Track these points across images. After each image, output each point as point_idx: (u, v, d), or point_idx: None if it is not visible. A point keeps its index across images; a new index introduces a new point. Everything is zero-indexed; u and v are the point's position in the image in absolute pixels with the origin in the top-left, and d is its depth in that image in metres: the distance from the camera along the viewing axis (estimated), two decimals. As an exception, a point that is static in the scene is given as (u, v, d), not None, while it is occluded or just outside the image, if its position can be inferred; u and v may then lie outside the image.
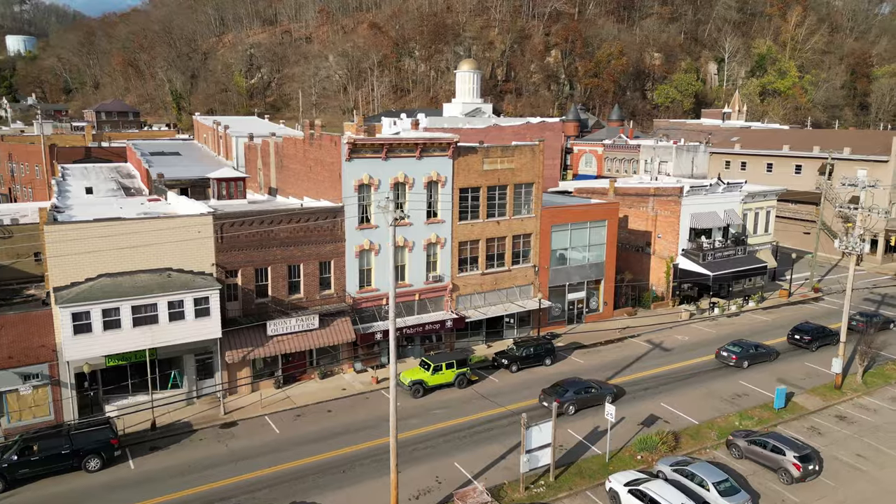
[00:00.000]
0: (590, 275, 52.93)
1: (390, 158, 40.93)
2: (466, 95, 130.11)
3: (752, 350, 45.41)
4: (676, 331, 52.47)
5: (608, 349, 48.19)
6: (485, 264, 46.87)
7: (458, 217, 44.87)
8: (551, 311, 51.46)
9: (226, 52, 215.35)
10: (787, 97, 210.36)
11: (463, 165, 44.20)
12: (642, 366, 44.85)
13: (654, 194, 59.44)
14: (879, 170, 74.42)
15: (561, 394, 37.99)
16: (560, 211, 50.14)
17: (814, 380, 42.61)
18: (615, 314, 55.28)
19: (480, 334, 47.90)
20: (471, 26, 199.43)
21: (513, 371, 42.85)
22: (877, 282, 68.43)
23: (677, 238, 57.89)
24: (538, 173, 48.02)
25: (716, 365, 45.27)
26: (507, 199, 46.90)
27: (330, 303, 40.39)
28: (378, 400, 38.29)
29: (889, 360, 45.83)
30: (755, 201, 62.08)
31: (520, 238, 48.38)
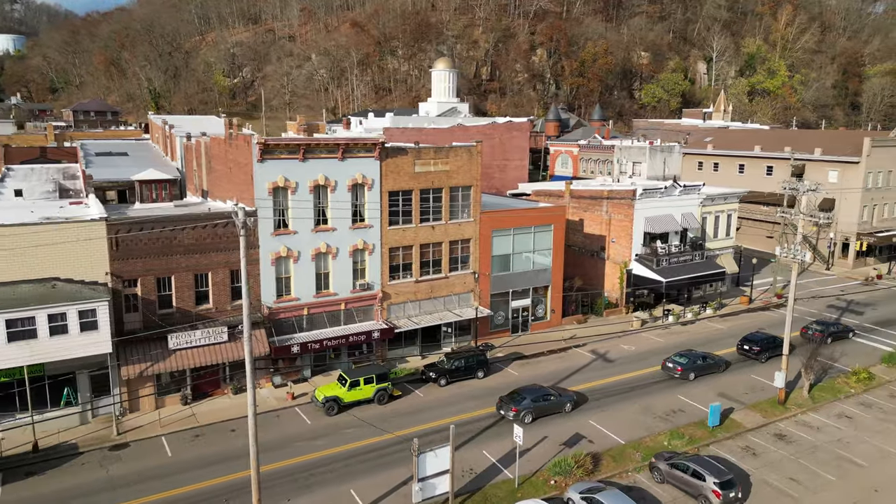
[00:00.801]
0: (536, 281, 50.71)
1: (309, 160, 38.68)
2: (442, 95, 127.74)
3: (698, 361, 43.21)
4: (625, 340, 50.28)
5: (549, 360, 45.97)
6: (419, 271, 44.63)
7: (388, 222, 42.65)
8: (494, 320, 49.24)
9: (208, 50, 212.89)
10: (776, 97, 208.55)
11: (392, 167, 41.95)
12: (580, 378, 42.63)
13: (607, 197, 57.24)
14: (850, 171, 72.31)
15: (518, 402, 36.58)
16: (501, 215, 47.92)
17: (758, 394, 40.42)
18: (564, 322, 53.08)
19: (416, 345, 45.68)
20: (455, 25, 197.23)
21: (441, 385, 40.59)
22: (845, 287, 66.29)
23: (631, 242, 55.73)
24: (476, 176, 45.79)
25: (660, 377, 43.09)
26: (442, 203, 44.68)
27: (244, 313, 38.10)
28: (291, 418, 36.04)
29: (842, 373, 43.70)
30: (715, 204, 59.91)
31: (458, 244, 46.15)
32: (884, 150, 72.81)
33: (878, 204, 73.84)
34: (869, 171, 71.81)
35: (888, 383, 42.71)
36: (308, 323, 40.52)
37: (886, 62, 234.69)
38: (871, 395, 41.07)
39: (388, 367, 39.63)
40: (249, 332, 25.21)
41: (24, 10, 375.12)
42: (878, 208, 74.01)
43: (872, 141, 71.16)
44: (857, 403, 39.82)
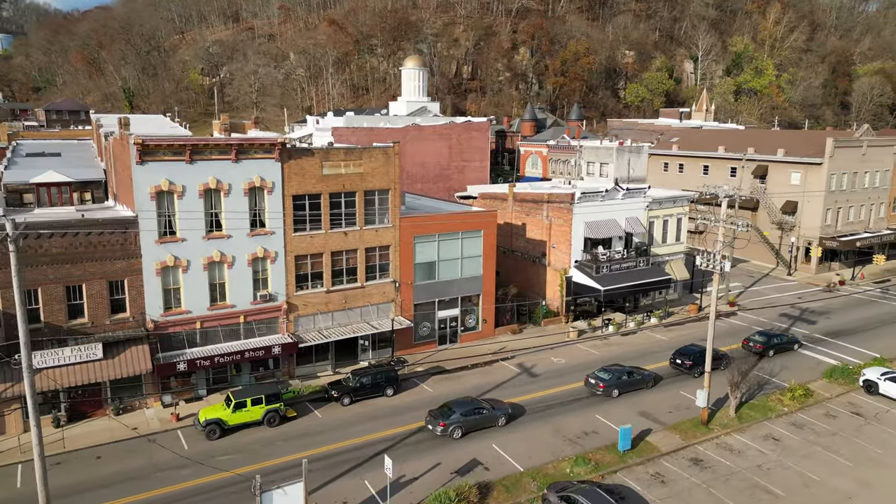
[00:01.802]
0: (465, 290, 48.05)
1: (197, 162, 35.98)
2: (412, 94, 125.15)
3: (624, 377, 40.58)
4: (557, 352, 47.66)
5: (471, 374, 43.32)
6: (331, 281, 41.97)
7: (294, 228, 39.98)
8: (419, 331, 46.60)
9: (186, 49, 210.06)
10: (762, 96, 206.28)
11: (296, 170, 39.28)
12: (499, 395, 39.98)
13: (547, 201, 54.63)
14: (813, 173, 69.72)
15: (447, 416, 34.65)
16: (424, 220, 45.26)
17: (683, 413, 37.80)
18: (497, 332, 50.44)
19: (328, 359, 43.02)
20: (435, 23, 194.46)
21: (344, 404, 37.90)
22: (805, 294, 63.70)
23: (570, 248, 53.12)
24: (394, 178, 43.15)
25: (583, 394, 40.47)
26: (356, 208, 42.04)
27: (126, 327, 35.45)
28: (168, 442, 33.33)
29: (778, 389, 41.09)
30: (663, 207, 57.28)
31: (375, 251, 43.50)
32: (848, 151, 70.29)
33: (842, 207, 71.28)
34: (832, 172, 69.25)
35: (826, 401, 40.11)
36: (202, 337, 37.83)
37: (877, 61, 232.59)
38: (805, 413, 38.46)
39: (283, 387, 36.89)
40: (29, 361, 22.35)
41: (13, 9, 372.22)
42: (842, 211, 71.45)
43: (836, 141, 68.61)
44: (788, 424, 37.20)
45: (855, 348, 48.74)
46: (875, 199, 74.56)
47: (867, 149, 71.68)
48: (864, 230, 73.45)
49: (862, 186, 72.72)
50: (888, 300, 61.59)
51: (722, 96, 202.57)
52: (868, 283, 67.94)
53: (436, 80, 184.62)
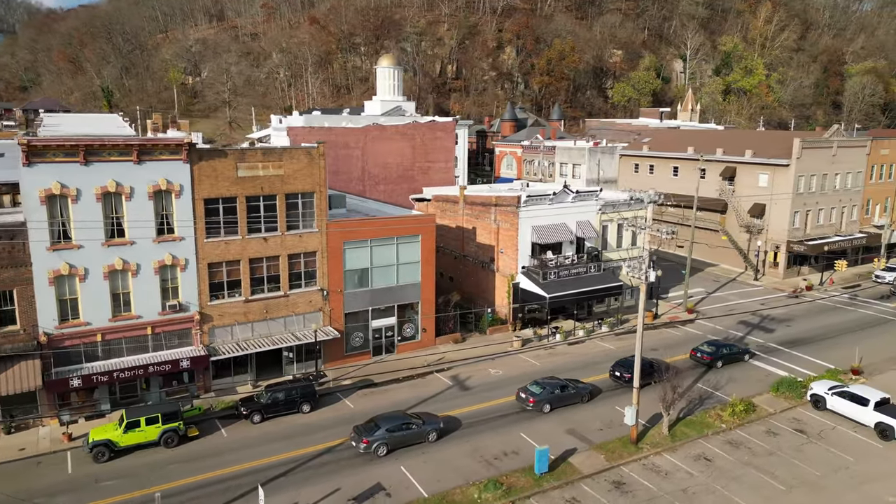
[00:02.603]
0: (402, 298, 45.87)
1: (94, 163, 33.78)
2: (387, 93, 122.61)
3: (556, 391, 38.43)
4: (498, 363, 45.50)
5: (401, 388, 41.16)
6: (249, 289, 39.80)
7: (207, 233, 37.81)
8: (350, 342, 44.43)
9: (169, 48, 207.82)
10: (752, 96, 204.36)
11: (208, 172, 37.09)
12: (427, 410, 37.81)
13: (495, 204, 52.48)
14: (781, 174, 67.57)
15: (371, 432, 32.83)
16: (354, 225, 43.06)
17: (614, 430, 35.64)
18: (438, 342, 48.26)
19: (248, 372, 40.86)
20: (419, 21, 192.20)
21: (255, 422, 35.74)
22: (768, 300, 61.52)
23: (517, 253, 50.98)
24: (319, 181, 40.94)
25: (513, 408, 38.35)
26: (277, 212, 39.85)
27: (16, 341, 33.27)
28: (53, 465, 31.16)
29: (720, 403, 38.94)
30: (618, 211, 55.11)
31: (300, 257, 41.31)
32: (817, 152, 68.15)
33: (811, 210, 69.13)
34: (800, 174, 67.09)
35: (769, 417, 37.96)
36: (105, 351, 35.66)
37: (869, 61, 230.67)
38: (744, 430, 36.31)
39: (179, 405, 34.45)
40: None
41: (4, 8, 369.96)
42: (811, 214, 69.30)
43: (803, 142, 66.44)
44: (725, 442, 35.06)
45: (810, 359, 46.61)
46: (847, 201, 72.42)
47: (838, 149, 69.55)
48: (834, 234, 71.32)
49: (833, 188, 70.58)
50: (854, 307, 59.48)
51: (710, 96, 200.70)
52: (837, 288, 65.85)
53: (419, 80, 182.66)
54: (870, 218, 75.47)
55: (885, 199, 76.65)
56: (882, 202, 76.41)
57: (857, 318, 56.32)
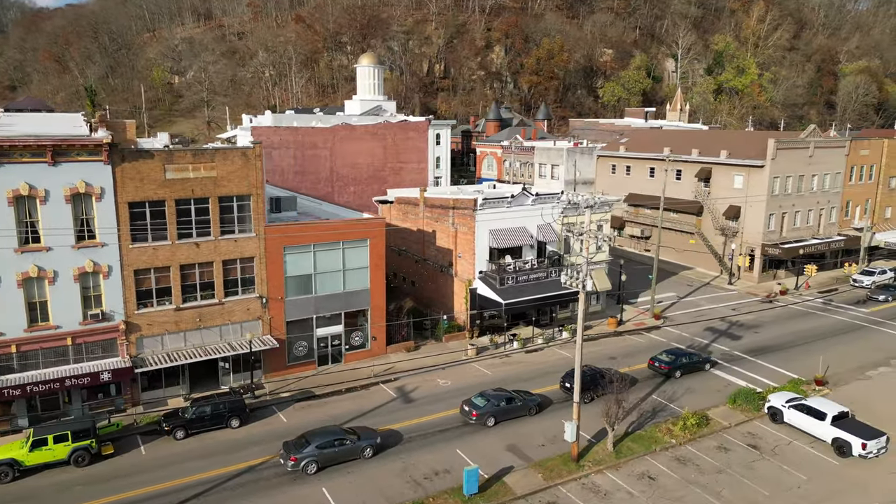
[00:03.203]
0: (350, 305, 44.06)
1: (3, 164, 31.96)
2: (367, 92, 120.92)
3: (502, 403, 36.65)
4: (449, 372, 43.70)
5: (342, 400, 39.34)
6: (181, 297, 37.98)
7: (132, 238, 35.99)
8: (293, 351, 42.63)
9: (155, 47, 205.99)
10: (744, 95, 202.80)
11: (132, 174, 35.28)
12: (368, 423, 35.94)
13: (452, 207, 50.69)
14: (756, 175, 65.81)
15: (300, 448, 31.05)
16: (295, 229, 41.21)
17: (557, 446, 33.81)
18: (390, 350, 46.46)
19: (182, 384, 39.03)
20: (406, 20, 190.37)
21: (178, 438, 33.92)
22: (740, 305, 59.73)
23: (474, 258, 49.20)
24: (256, 183, 39.14)
25: (456, 421, 36.57)
26: (210, 216, 38.05)
27: (-80, 353, 31.51)
28: (-47, 483, 29.43)
29: (673, 416, 37.15)
30: (581, 214, 53.37)
31: (236, 263, 39.48)
32: (793, 153, 66.37)
33: (787, 212, 67.35)
34: (775, 175, 65.30)
35: (723, 431, 36.18)
36: (20, 363, 33.83)
37: (863, 60, 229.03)
38: (695, 445, 34.53)
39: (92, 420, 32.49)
40: None
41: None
42: (788, 217, 67.51)
43: (778, 142, 64.67)
44: (672, 458, 33.28)
45: (774, 368, 44.84)
46: (825, 203, 70.65)
47: (815, 150, 67.77)
48: (812, 237, 69.59)
49: (810, 190, 68.80)
50: (828, 312, 57.70)
51: (702, 95, 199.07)
52: (813, 293, 64.10)
53: (406, 79, 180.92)
54: (849, 220, 73.70)
55: (865, 200, 74.90)
56: (862, 204, 74.65)
57: (830, 324, 54.54)
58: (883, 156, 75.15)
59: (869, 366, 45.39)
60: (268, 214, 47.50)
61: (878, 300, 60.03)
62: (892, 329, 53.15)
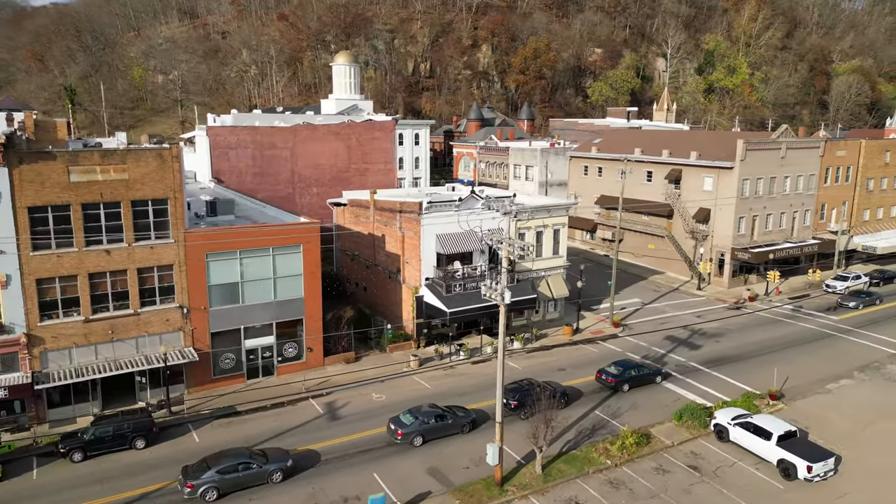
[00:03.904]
0: (283, 314, 41.73)
1: None
2: (343, 91, 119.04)
3: (432, 421, 34.39)
4: (387, 386, 41.43)
5: (265, 417, 37.09)
6: (90, 308, 35.71)
7: (33, 245, 33.71)
8: (219, 364, 40.35)
9: (138, 46, 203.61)
10: (734, 95, 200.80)
11: (31, 176, 33.00)
12: (291, 441, 33.82)
13: (399, 210, 48.45)
14: (725, 177, 63.62)
15: (198, 473, 28.93)
16: (218, 235, 38.94)
17: (483, 468, 31.34)
18: (328, 362, 44.16)
19: (93, 400, 36.75)
20: (391, 18, 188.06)
21: (75, 461, 31.61)
22: (706, 312, 57.44)
23: (421, 264, 46.97)
24: (174, 186, 36.85)
25: (383, 441, 34.32)
26: (122, 221, 35.78)
27: None
28: None
29: (612, 435, 34.88)
30: (536, 218, 51.09)
31: (152, 271, 37.21)
32: (763, 154, 64.12)
33: (758, 215, 65.10)
34: (745, 177, 63.05)
35: (665, 450, 33.94)
36: None
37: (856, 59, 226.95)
38: (632, 467, 32.28)
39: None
40: None
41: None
42: (759, 219, 65.27)
43: (747, 143, 62.43)
44: (605, 482, 31.04)
45: (730, 380, 42.61)
46: (799, 205, 68.41)
47: (787, 151, 65.54)
48: (785, 240, 67.38)
49: (782, 192, 66.55)
50: (797, 320, 55.47)
51: (691, 95, 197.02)
52: (784, 298, 61.91)
53: (390, 78, 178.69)
54: (825, 223, 71.52)
55: (841, 203, 72.68)
56: (839, 206, 72.44)
57: (797, 332, 52.31)
58: (860, 157, 72.96)
59: (830, 378, 43.17)
60: (203, 219, 45.59)
61: (849, 307, 57.81)
62: (860, 338, 50.96)
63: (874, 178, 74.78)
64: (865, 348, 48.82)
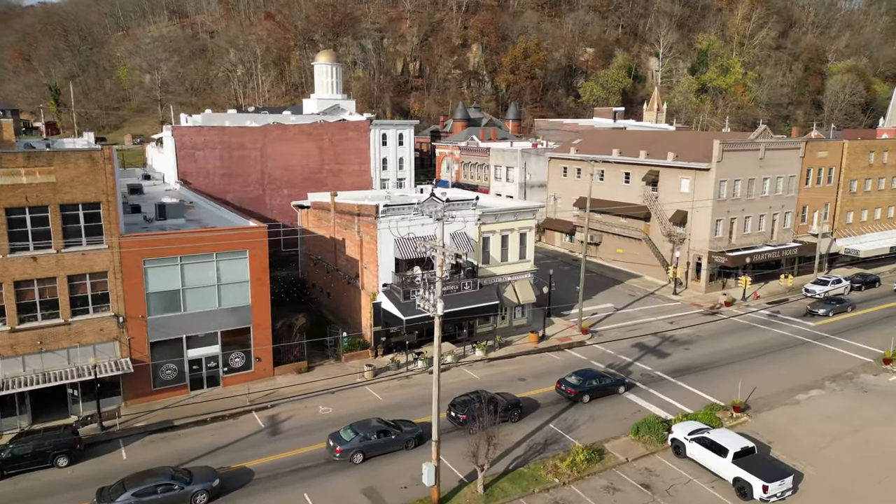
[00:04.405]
0: (228, 323, 39.93)
1: None
2: (325, 90, 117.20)
3: (373, 437, 32.70)
4: (337, 397, 39.67)
5: (203, 431, 35.33)
6: (16, 317, 33.99)
7: (-47, 254, 32.10)
8: (160, 375, 38.64)
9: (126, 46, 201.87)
10: (727, 95, 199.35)
11: (-51, 181, 31.39)
12: (227, 458, 32.14)
13: (358, 213, 46.78)
14: (702, 179, 61.97)
15: (114, 497, 27.40)
16: (156, 241, 37.23)
17: (422, 488, 29.58)
18: (279, 371, 42.46)
19: (21, 414, 35.03)
20: (380, 18, 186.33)
21: (-12, 480, 30.08)
22: (680, 317, 55.72)
23: (378, 269, 45.29)
24: (106, 189, 35.10)
25: (321, 458, 32.62)
26: (49, 226, 34.08)
27: None
28: None
29: (564, 451, 33.15)
30: (501, 221, 49.37)
31: (84, 279, 35.46)
32: (741, 155, 62.44)
33: (737, 217, 63.42)
34: (722, 179, 61.39)
35: (618, 466, 32.23)
36: None
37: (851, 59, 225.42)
38: (581, 485, 30.57)
39: None
40: None
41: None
42: (737, 222, 63.60)
43: (724, 144, 60.77)
44: (550, 501, 29.33)
45: (695, 391, 40.94)
46: (779, 208, 66.71)
47: (766, 152, 63.86)
48: (764, 243, 65.71)
49: (761, 194, 64.89)
50: (772, 326, 53.76)
51: (684, 95, 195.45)
52: (762, 303, 60.24)
53: (378, 78, 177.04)
54: (806, 226, 69.86)
55: (823, 205, 71.05)
56: (820, 209, 70.80)
57: (770, 339, 50.63)
58: (843, 158, 71.33)
59: (800, 388, 41.51)
60: (152, 222, 43.91)
61: (818, 314, 55.89)
62: (836, 345, 49.32)
63: (858, 179, 73.15)
64: (840, 356, 47.17)
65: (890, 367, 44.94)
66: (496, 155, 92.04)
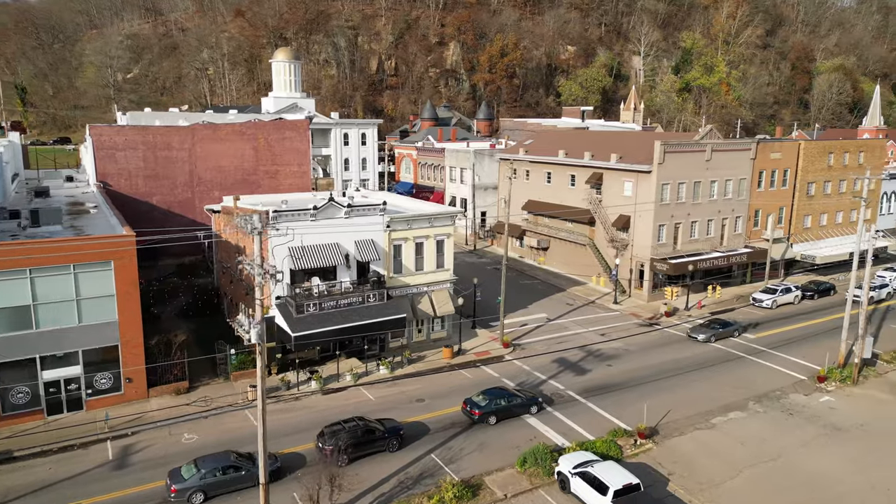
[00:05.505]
0: (89, 341, 36.43)
1: None
2: (282, 89, 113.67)
3: (218, 474, 29.21)
4: (211, 422, 36.09)
5: (43, 463, 31.76)
6: None
7: None
8: (10, 398, 35.13)
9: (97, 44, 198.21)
10: (710, 94, 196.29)
11: None
12: (61, 495, 28.77)
13: (250, 220, 43.31)
14: (644, 182, 58.61)
15: None
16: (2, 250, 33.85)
17: (258, 535, 26.58)
18: (154, 393, 38.96)
19: None
20: (354, 14, 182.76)
21: None
22: (613, 329, 52.21)
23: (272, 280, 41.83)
24: (-64, 197, 31.80)
25: (160, 497, 29.23)
26: None
27: None
28: None
29: (435, 487, 29.71)
30: (414, 228, 45.91)
31: (-86, 294, 32.17)
32: (685, 157, 59.06)
33: (682, 222, 60.02)
34: (664, 181, 58.01)
35: (497, 503, 28.99)
36: None
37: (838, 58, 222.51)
38: (444, 530, 27.31)
39: None
40: None
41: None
42: (682, 227, 60.20)
43: (665, 145, 57.40)
44: (401, 552, 26.09)
45: (604, 414, 37.52)
46: (729, 212, 63.29)
47: (713, 154, 60.49)
48: (713, 249, 62.38)
49: (709, 198, 61.47)
50: (710, 338, 50.54)
51: (666, 94, 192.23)
52: (705, 313, 56.85)
53: (352, 76, 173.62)
54: (760, 231, 66.52)
55: (779, 209, 67.68)
56: (776, 213, 67.44)
57: (702, 353, 47.22)
58: (799, 159, 67.93)
59: (719, 410, 38.13)
60: (24, 230, 40.51)
61: (698, 340, 49.63)
62: (771, 360, 45.92)
63: (816, 181, 69.75)
64: (773, 373, 43.81)
65: (823, 386, 41.62)
66: (451, 156, 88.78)
